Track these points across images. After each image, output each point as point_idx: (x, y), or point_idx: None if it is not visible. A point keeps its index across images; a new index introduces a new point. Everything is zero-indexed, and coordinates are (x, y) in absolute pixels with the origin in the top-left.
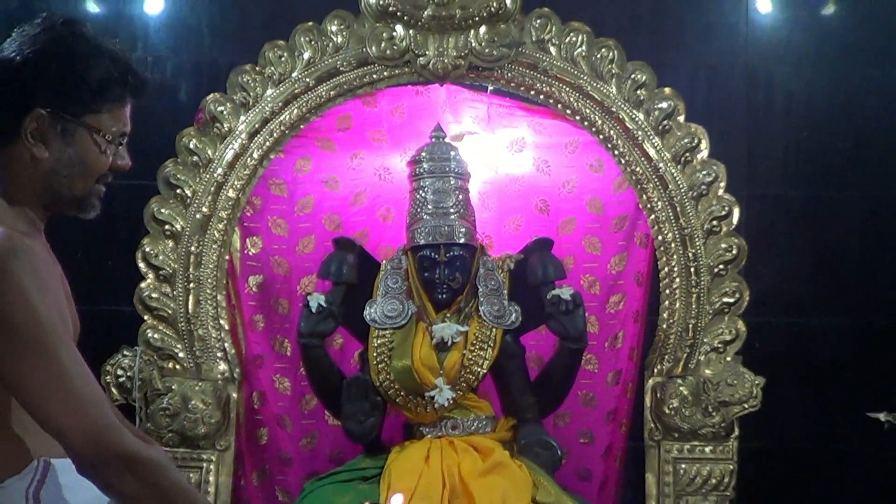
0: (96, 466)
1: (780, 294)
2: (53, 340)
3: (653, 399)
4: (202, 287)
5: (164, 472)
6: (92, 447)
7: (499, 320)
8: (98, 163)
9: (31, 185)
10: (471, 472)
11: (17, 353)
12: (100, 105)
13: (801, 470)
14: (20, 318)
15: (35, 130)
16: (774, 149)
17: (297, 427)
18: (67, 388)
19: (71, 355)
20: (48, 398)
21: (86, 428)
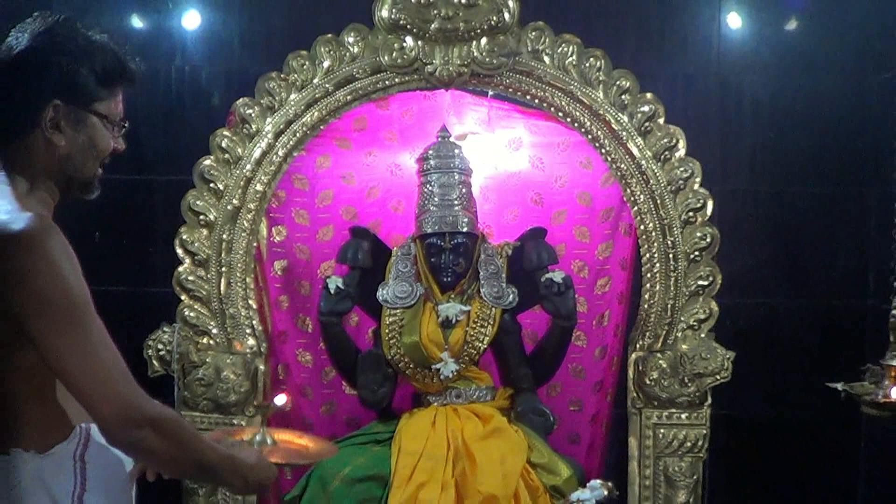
0: (125, 430)
1: (749, 278)
2: (86, 316)
3: (635, 371)
4: (233, 270)
5: (183, 428)
6: (120, 412)
7: (498, 301)
8: (104, 145)
9: (46, 172)
10: (472, 435)
11: (54, 327)
12: (104, 93)
13: (766, 434)
14: (57, 294)
15: (52, 120)
16: (744, 148)
17: (317, 395)
18: (98, 359)
19: (99, 329)
20: (82, 369)
21: (115, 396)
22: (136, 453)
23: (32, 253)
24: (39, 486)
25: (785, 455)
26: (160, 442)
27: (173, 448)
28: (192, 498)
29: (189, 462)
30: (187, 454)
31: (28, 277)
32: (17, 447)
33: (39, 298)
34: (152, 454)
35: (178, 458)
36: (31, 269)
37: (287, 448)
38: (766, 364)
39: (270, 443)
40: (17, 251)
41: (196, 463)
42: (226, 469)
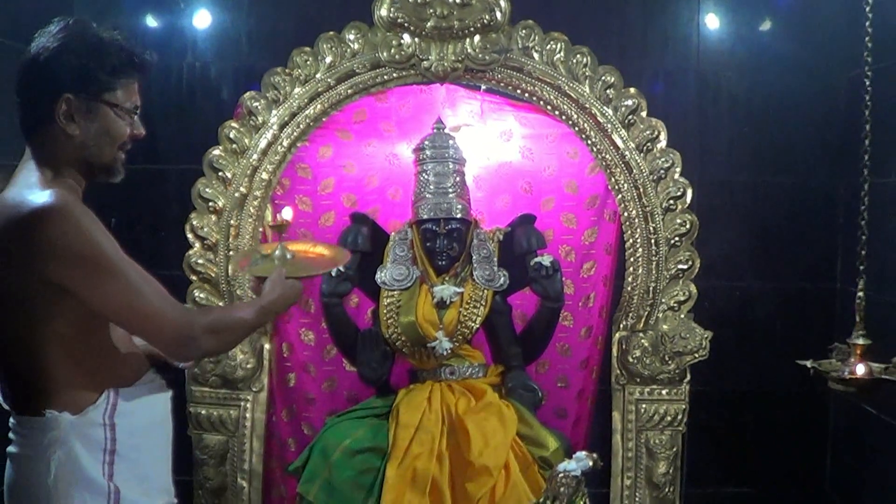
0: (187, 347)
1: (726, 262)
2: (120, 264)
3: (619, 350)
4: None
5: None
6: (178, 335)
7: (490, 283)
8: (119, 131)
9: (67, 159)
10: (465, 410)
11: (96, 283)
12: (114, 83)
13: (741, 409)
14: (90, 254)
15: (65, 112)
16: (721, 141)
17: (319, 372)
18: (143, 298)
19: (136, 271)
20: (133, 311)
21: (168, 323)
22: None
23: (60, 223)
24: (73, 445)
25: (758, 428)
26: (217, 341)
27: (228, 337)
28: (202, 468)
29: (241, 336)
30: (238, 333)
31: (61, 245)
32: (52, 409)
33: (76, 261)
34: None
35: (233, 341)
36: (62, 237)
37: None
38: (741, 343)
39: (290, 256)
40: (46, 224)
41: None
42: (264, 316)
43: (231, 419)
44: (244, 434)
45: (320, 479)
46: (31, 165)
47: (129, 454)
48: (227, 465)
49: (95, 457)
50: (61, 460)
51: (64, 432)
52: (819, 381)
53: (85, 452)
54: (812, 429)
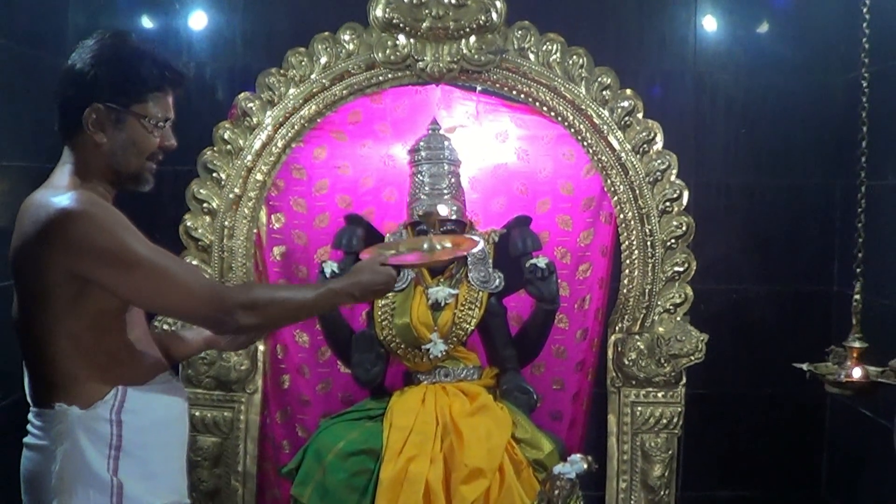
0: (225, 321)
1: (722, 265)
2: (145, 253)
3: (614, 352)
4: (234, 256)
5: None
6: (216, 311)
7: (485, 285)
8: (146, 143)
9: (96, 166)
10: (460, 412)
11: (125, 275)
12: (144, 96)
13: (737, 412)
14: (114, 248)
15: (94, 121)
16: (717, 142)
17: (314, 374)
18: (174, 281)
19: (164, 256)
20: (166, 295)
21: (204, 302)
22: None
23: (81, 223)
24: (79, 438)
25: (754, 431)
26: (257, 317)
27: (270, 315)
28: (196, 470)
29: (290, 314)
30: (285, 310)
31: (85, 243)
32: (61, 402)
33: (101, 257)
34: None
35: (278, 318)
36: (85, 236)
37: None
38: (737, 346)
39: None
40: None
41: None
42: (328, 301)
43: (225, 421)
44: (238, 436)
45: (314, 481)
46: (64, 170)
47: (136, 451)
48: (220, 467)
49: (100, 451)
50: (67, 452)
51: (71, 425)
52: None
53: (90, 446)
54: (808, 432)
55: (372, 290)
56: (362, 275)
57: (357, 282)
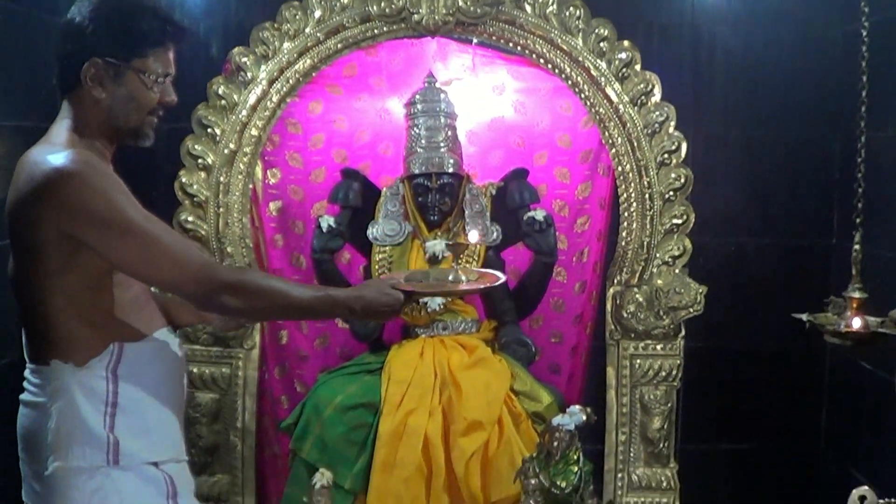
0: (210, 299)
1: (721, 217)
2: (138, 219)
3: (613, 305)
4: (230, 211)
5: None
6: (202, 286)
7: (482, 238)
8: (146, 98)
9: (95, 122)
10: (458, 365)
11: (115, 240)
12: (144, 50)
13: (736, 364)
14: (106, 212)
15: (93, 76)
16: (716, 95)
17: (311, 329)
18: (164, 251)
19: (156, 225)
20: (152, 264)
21: (191, 275)
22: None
23: (75, 183)
24: (76, 395)
25: (753, 384)
26: (244, 300)
27: (258, 301)
28: (194, 427)
29: (280, 309)
30: (275, 303)
31: (76, 204)
32: (57, 359)
33: (92, 220)
34: (241, 311)
35: (266, 308)
36: (77, 197)
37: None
38: (736, 299)
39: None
40: (62, 184)
41: (286, 309)
42: (323, 307)
43: (223, 377)
44: (236, 392)
45: (313, 435)
46: (63, 125)
47: (132, 408)
48: (219, 423)
49: (96, 408)
50: (62, 409)
51: (66, 382)
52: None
53: (86, 403)
54: (807, 385)
55: (374, 309)
56: (368, 291)
57: (361, 296)
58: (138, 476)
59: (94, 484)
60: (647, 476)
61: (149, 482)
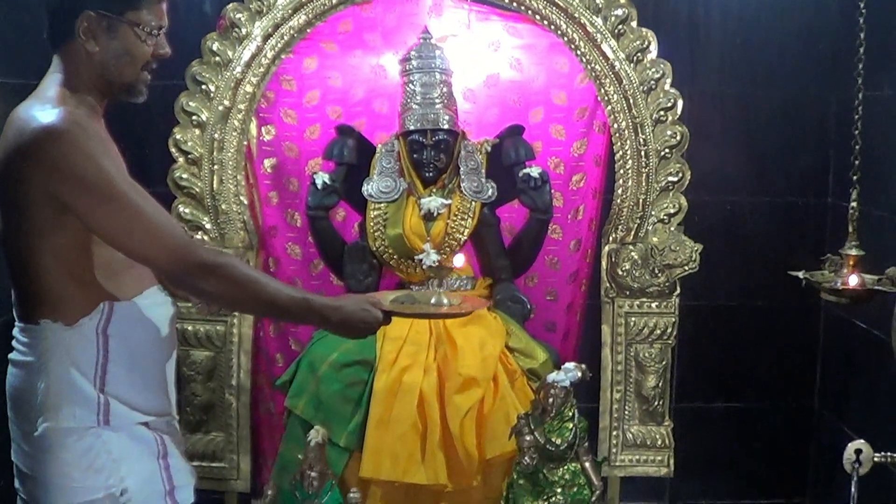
0: (183, 277)
1: (716, 176)
2: (122, 186)
3: (608, 263)
4: (224, 168)
5: (239, 269)
6: (176, 263)
7: (477, 195)
8: (140, 52)
9: (88, 76)
10: (453, 322)
11: (96, 204)
12: (138, 3)
13: (731, 323)
14: (90, 174)
15: (86, 29)
16: (712, 52)
17: (306, 287)
18: (144, 222)
19: (140, 194)
20: (131, 235)
21: (167, 250)
22: (196, 295)
23: (62, 142)
24: (66, 354)
25: (748, 343)
26: (216, 284)
27: (232, 289)
28: (189, 385)
29: (252, 302)
30: (246, 294)
31: (63, 165)
32: (47, 318)
33: (76, 181)
34: (211, 295)
35: (236, 298)
36: (63, 157)
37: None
38: (731, 257)
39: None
40: (50, 144)
41: (260, 303)
42: (299, 310)
43: (218, 335)
44: (231, 349)
45: (308, 392)
46: (53, 79)
47: (123, 367)
48: (214, 380)
49: (87, 368)
50: (52, 369)
51: (56, 342)
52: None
53: (76, 363)
54: (802, 344)
55: (350, 323)
56: (348, 303)
57: (339, 307)
58: (129, 436)
59: (84, 444)
60: (641, 434)
61: (139, 442)
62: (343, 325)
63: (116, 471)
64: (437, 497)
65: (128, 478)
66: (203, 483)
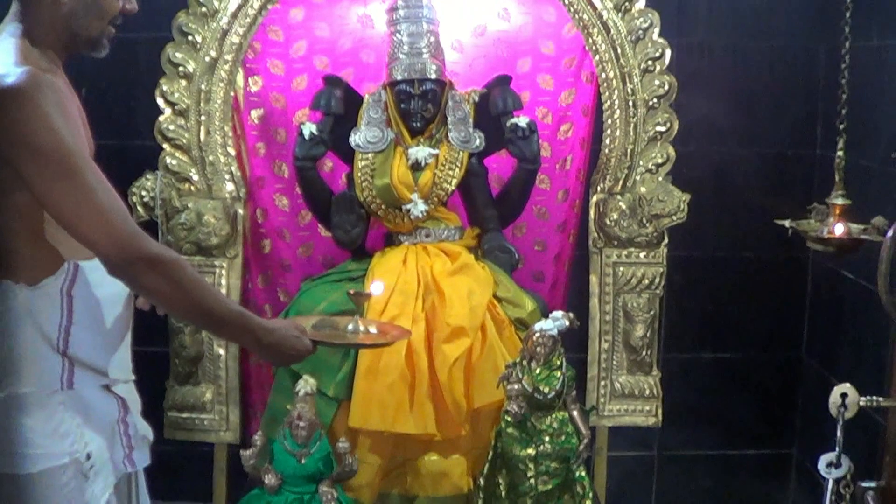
0: (124, 268)
1: (704, 126)
2: (78, 162)
3: (596, 213)
4: (211, 119)
5: (184, 270)
6: (119, 252)
7: (465, 144)
8: (110, 5)
9: (52, 27)
10: (441, 271)
11: (48, 176)
12: None
13: (719, 274)
14: (48, 145)
15: None
16: (700, 2)
17: (294, 238)
18: (94, 203)
19: (95, 174)
20: (78, 214)
21: (113, 237)
22: (136, 289)
23: (23, 105)
24: (28, 316)
25: (736, 294)
26: (158, 281)
27: (172, 289)
28: (178, 337)
29: (189, 307)
30: (187, 298)
31: (20, 129)
32: (8, 279)
33: (31, 148)
34: (151, 292)
35: (176, 299)
36: (23, 121)
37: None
38: (719, 208)
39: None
40: (9, 103)
41: (198, 310)
42: (234, 325)
43: None
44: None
45: None
46: (12, 29)
47: (86, 329)
48: (203, 332)
49: (50, 330)
50: (14, 332)
51: (19, 303)
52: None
53: (39, 325)
54: (790, 295)
55: (281, 349)
56: (281, 328)
57: (273, 330)
58: (92, 399)
59: (47, 409)
60: (629, 384)
61: (102, 405)
62: (273, 348)
63: (81, 435)
64: (426, 446)
65: (92, 442)
66: (192, 435)
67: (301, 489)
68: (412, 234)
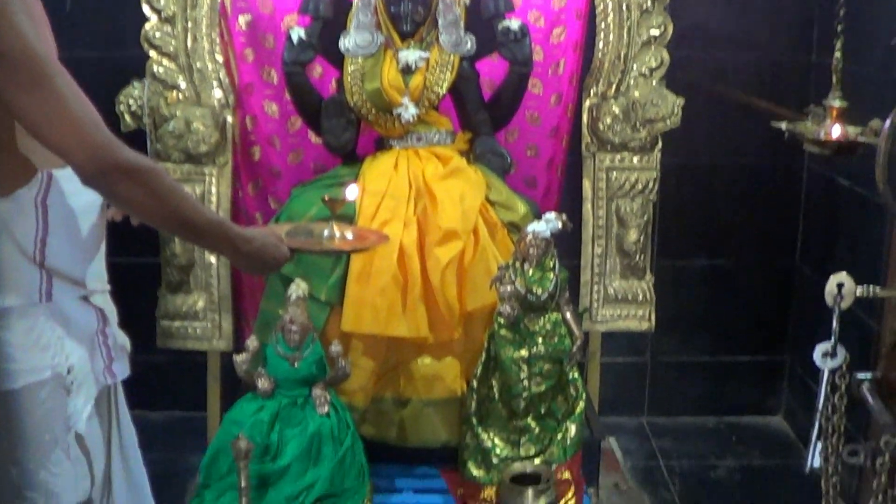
0: (98, 177)
1: (699, 31)
2: (49, 70)
3: (589, 117)
4: (198, 26)
5: (160, 178)
6: (93, 161)
7: (456, 48)
8: None
9: None
10: (433, 175)
11: (19, 85)
12: None
13: (713, 181)
14: (18, 52)
15: None
16: None
17: (284, 145)
18: (66, 111)
19: (67, 82)
20: (50, 122)
21: (85, 145)
22: (111, 199)
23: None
24: (3, 229)
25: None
26: (134, 190)
27: (148, 198)
28: (169, 245)
29: (166, 216)
30: (164, 207)
31: None
32: None
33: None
34: (127, 201)
35: (153, 209)
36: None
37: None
38: (714, 115)
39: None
40: None
41: (175, 219)
42: (212, 234)
43: (196, 195)
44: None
45: None
46: None
47: (63, 239)
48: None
49: (26, 241)
50: None
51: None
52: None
53: (14, 236)
54: (784, 201)
55: (261, 257)
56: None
57: (251, 238)
58: (71, 311)
59: (27, 323)
60: (623, 288)
61: (81, 316)
62: (252, 257)
63: (62, 348)
64: (419, 349)
65: (72, 355)
66: (185, 343)
67: (294, 393)
68: (403, 139)
